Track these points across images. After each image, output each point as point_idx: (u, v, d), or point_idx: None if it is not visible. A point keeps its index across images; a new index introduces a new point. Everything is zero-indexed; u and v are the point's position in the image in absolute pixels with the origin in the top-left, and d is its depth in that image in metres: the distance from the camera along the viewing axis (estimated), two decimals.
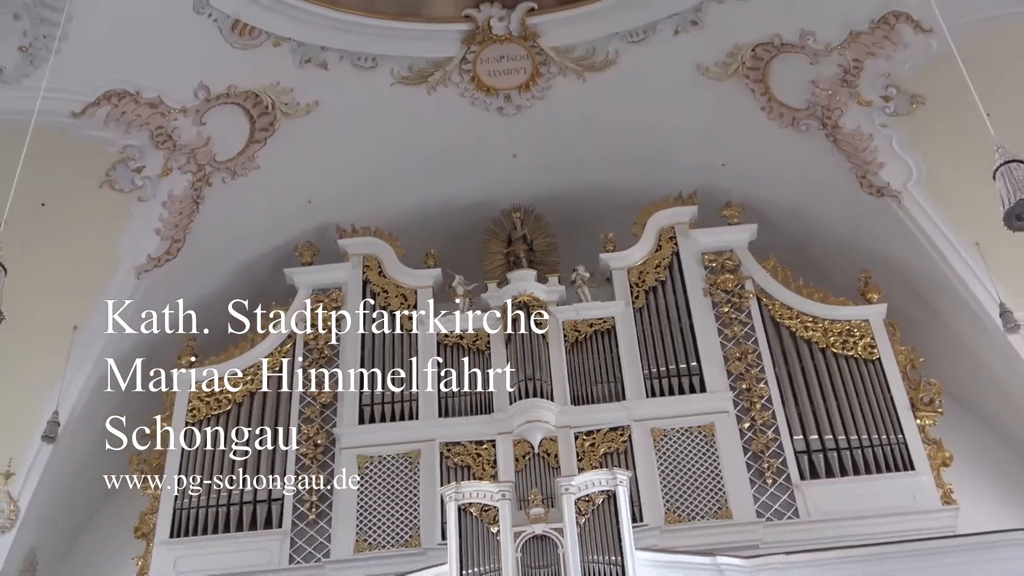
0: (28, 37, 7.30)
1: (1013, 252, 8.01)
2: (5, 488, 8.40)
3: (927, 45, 8.06)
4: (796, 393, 8.34)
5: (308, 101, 8.92)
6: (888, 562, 6.59)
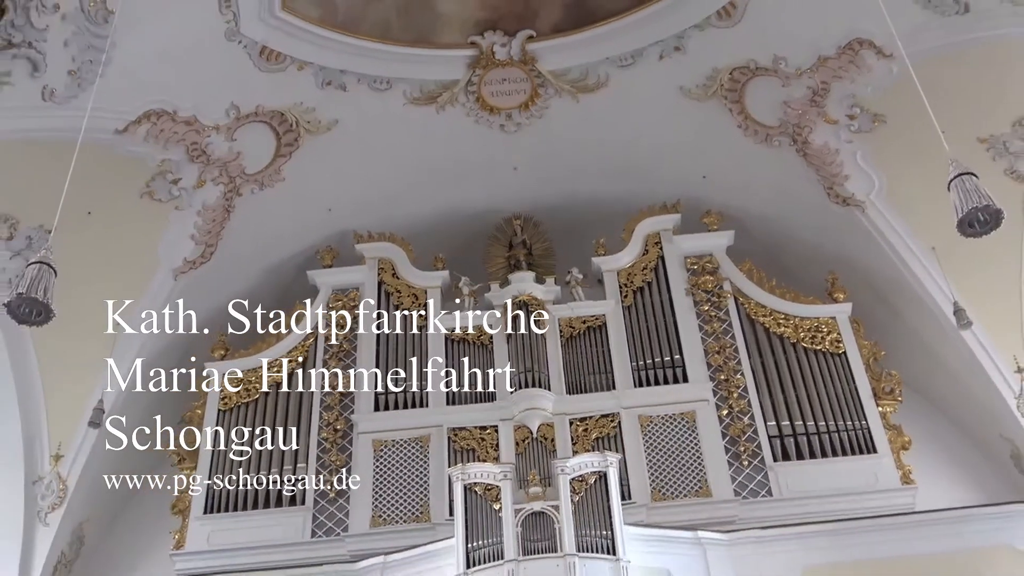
0: (76, 62, 7.30)
1: (966, 256, 7.98)
2: (55, 469, 8.42)
3: (888, 69, 8.06)
4: (770, 383, 8.35)
5: (329, 119, 8.93)
6: (853, 536, 6.62)
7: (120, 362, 8.71)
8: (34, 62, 7.12)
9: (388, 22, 8.45)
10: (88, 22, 7.18)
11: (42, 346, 8.32)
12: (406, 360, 8.77)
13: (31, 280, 5.21)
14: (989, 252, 7.66)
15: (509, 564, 6.14)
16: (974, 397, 8.77)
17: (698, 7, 8.25)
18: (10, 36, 6.93)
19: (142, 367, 8.97)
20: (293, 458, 8.27)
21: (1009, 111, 7.99)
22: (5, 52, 6.96)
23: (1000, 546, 6.35)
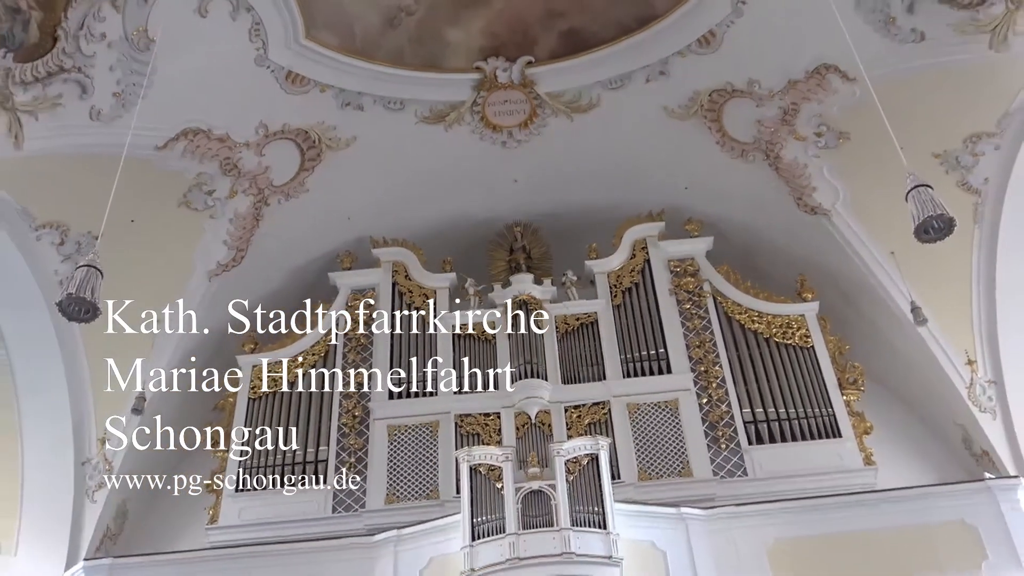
0: (121, 85, 7.32)
1: (922, 260, 8.03)
2: (102, 452, 8.43)
3: (852, 91, 8.05)
4: (745, 374, 8.35)
5: (348, 136, 8.93)
6: (819, 512, 6.62)
7: (160, 355, 8.74)
8: (83, 85, 7.13)
9: (401, 49, 8.46)
10: (131, 49, 7.20)
11: (90, 341, 8.33)
12: (418, 354, 8.77)
13: (80, 281, 5.23)
14: (943, 256, 7.69)
15: (510, 537, 6.15)
16: (929, 387, 8.78)
17: (681, 36, 8.27)
18: (61, 62, 6.94)
19: (180, 360, 8.99)
20: (316, 442, 8.28)
21: (961, 129, 7.99)
22: (57, 76, 6.97)
23: (952, 521, 6.35)
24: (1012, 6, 6.77)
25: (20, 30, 6.62)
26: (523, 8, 8.30)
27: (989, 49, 7.10)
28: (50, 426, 8.33)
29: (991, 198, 8.20)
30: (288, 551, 6.83)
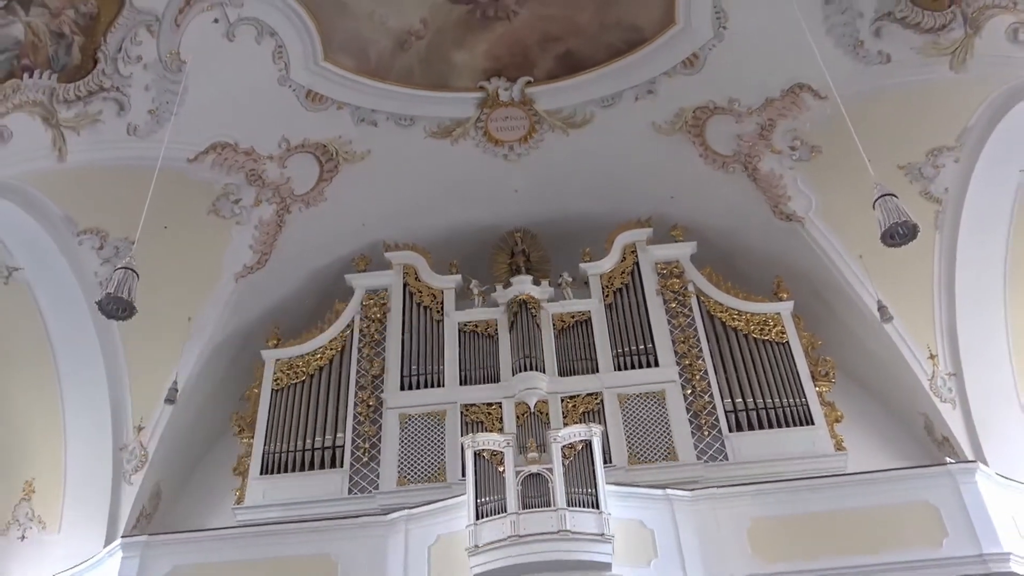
0: (155, 103, 7.33)
1: (888, 263, 8.03)
2: (138, 438, 8.44)
3: (823, 108, 8.06)
4: (726, 367, 8.33)
5: (362, 150, 8.92)
6: (794, 493, 6.59)
7: (191, 350, 8.74)
8: (120, 103, 7.14)
9: (411, 70, 8.45)
10: (165, 71, 7.21)
11: (127, 337, 8.34)
12: (428, 349, 8.76)
13: (118, 282, 5.23)
14: (907, 260, 7.72)
15: (511, 516, 6.14)
16: (894, 379, 8.78)
17: (667, 58, 8.27)
18: (101, 82, 6.95)
19: (210, 354, 8.99)
20: (333, 428, 8.28)
21: (924, 143, 8.00)
22: (97, 95, 6.98)
23: (917, 502, 6.32)
24: (970, 31, 6.77)
25: (64, 53, 6.63)
26: (523, 32, 8.29)
27: (949, 70, 7.10)
28: (90, 415, 8.34)
29: (951, 206, 8.20)
30: (309, 529, 6.82)
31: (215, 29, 7.32)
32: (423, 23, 8.08)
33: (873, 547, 6.11)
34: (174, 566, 6.48)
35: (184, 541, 6.77)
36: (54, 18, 6.43)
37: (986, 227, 8.18)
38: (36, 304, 8.10)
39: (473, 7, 8.01)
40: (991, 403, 8.27)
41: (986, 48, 6.74)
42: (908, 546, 6.08)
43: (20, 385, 8.36)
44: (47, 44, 6.47)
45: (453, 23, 8.11)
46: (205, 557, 6.60)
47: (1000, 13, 6.49)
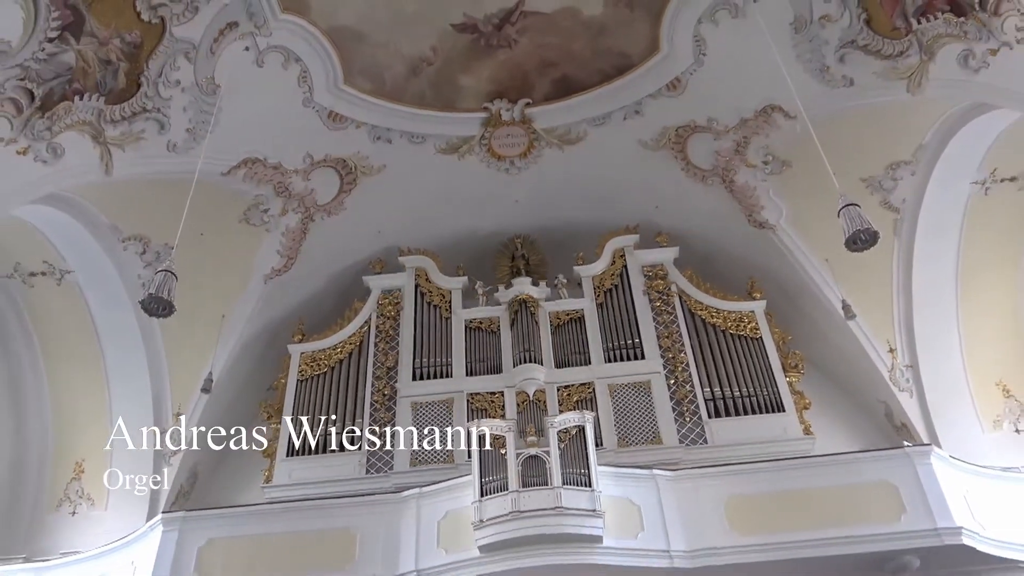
0: (192, 123, 7.32)
1: (851, 266, 8.02)
2: (177, 423, 8.43)
3: (793, 127, 8.03)
4: (705, 360, 8.32)
5: (378, 164, 8.92)
6: (767, 473, 6.58)
7: (224, 344, 8.74)
8: (161, 123, 7.13)
9: (423, 93, 8.45)
10: (201, 93, 7.20)
11: (167, 333, 8.35)
12: (437, 344, 8.75)
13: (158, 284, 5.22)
14: (868, 263, 7.69)
15: (512, 494, 6.14)
16: (857, 370, 8.77)
17: (652, 82, 8.26)
18: (144, 104, 6.95)
19: (241, 348, 8.99)
20: (352, 415, 8.27)
21: (883, 158, 7.98)
22: (140, 116, 6.98)
23: (878, 481, 6.31)
24: (925, 57, 6.76)
25: (111, 78, 6.63)
26: (522, 59, 8.29)
27: (906, 93, 7.08)
28: (134, 403, 8.36)
29: (908, 215, 8.19)
30: (330, 505, 6.82)
31: (246, 56, 7.34)
32: (433, 50, 8.10)
33: (838, 522, 6.10)
34: (209, 539, 6.47)
35: (218, 516, 6.76)
36: (102, 46, 6.43)
37: (939, 234, 8.17)
38: (86, 303, 8.12)
39: (478, 36, 8.02)
40: (944, 392, 8.26)
41: (939, 73, 6.73)
42: (870, 521, 6.06)
43: (71, 376, 8.39)
44: (96, 70, 6.47)
45: (460, 50, 8.13)
46: (237, 531, 6.59)
47: (952, 41, 6.48)
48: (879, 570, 6.12)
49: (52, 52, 6.06)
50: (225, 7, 6.92)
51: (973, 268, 8.24)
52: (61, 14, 6.00)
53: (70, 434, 8.37)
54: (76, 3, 6.10)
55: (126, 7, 6.43)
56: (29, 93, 6.04)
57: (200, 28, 6.88)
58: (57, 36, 6.05)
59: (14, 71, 5.88)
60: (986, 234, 8.10)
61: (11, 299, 8.08)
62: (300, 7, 7.40)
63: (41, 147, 6.31)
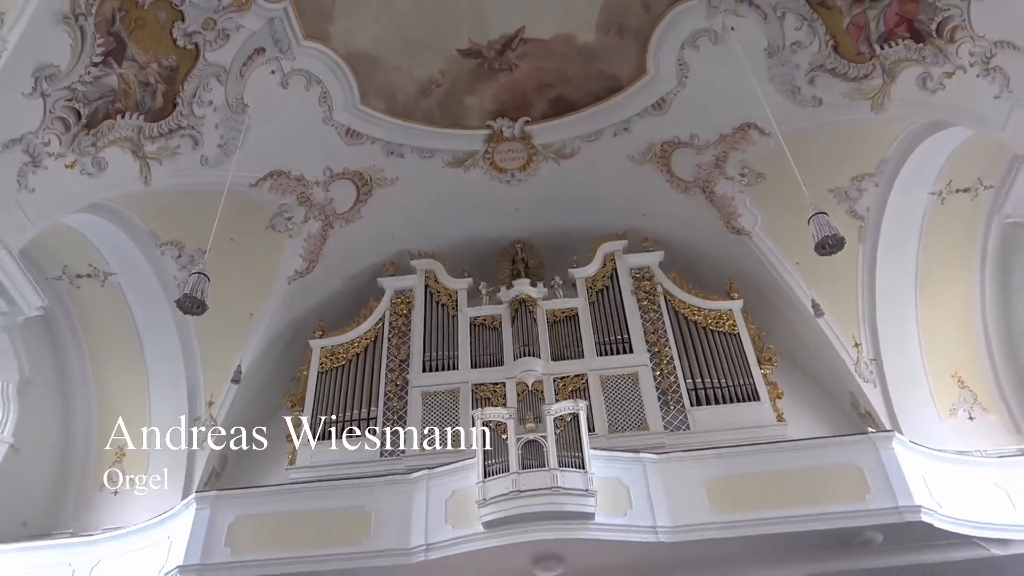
0: (223, 139, 7.35)
1: (820, 269, 8.04)
2: (209, 412, 8.45)
3: (767, 143, 8.04)
4: (687, 353, 8.31)
5: (392, 177, 8.92)
6: (742, 457, 6.57)
7: (252, 339, 8.75)
8: (195, 139, 7.16)
9: (432, 112, 8.46)
10: (231, 112, 7.23)
11: (200, 329, 8.35)
12: (443, 338, 8.76)
13: (192, 284, 5.24)
14: (836, 266, 7.69)
15: (512, 475, 6.14)
16: (825, 363, 8.77)
17: (640, 102, 8.27)
18: (180, 122, 6.97)
19: (267, 342, 9.00)
20: (368, 404, 8.27)
21: (849, 170, 7.98)
22: (176, 132, 7.00)
23: (844, 464, 6.30)
24: (887, 80, 6.76)
25: (149, 98, 6.65)
26: (522, 81, 8.31)
27: (870, 111, 7.09)
28: (171, 393, 8.37)
29: (871, 223, 8.19)
30: (348, 485, 6.81)
31: (272, 78, 7.36)
32: (441, 73, 8.12)
33: (808, 501, 6.09)
34: (238, 516, 6.47)
35: (246, 495, 6.76)
36: (142, 70, 6.46)
37: (900, 239, 8.17)
38: (127, 303, 8.14)
39: (482, 60, 8.05)
40: (904, 383, 8.26)
41: (900, 93, 6.74)
42: (837, 500, 6.06)
43: (114, 369, 8.41)
44: (136, 91, 6.49)
45: (466, 73, 8.15)
46: (263, 508, 6.60)
47: (912, 65, 6.49)
48: (846, 545, 6.11)
49: (97, 75, 6.09)
50: (253, 35, 6.97)
51: (930, 271, 8.24)
52: (105, 41, 6.05)
53: (113, 421, 8.37)
54: (118, 31, 6.13)
55: (164, 34, 6.46)
56: (76, 112, 6.07)
57: (230, 53, 6.91)
58: (101, 61, 6.08)
59: (63, 92, 5.91)
60: (942, 240, 8.11)
61: (60, 299, 8.09)
62: (321, 34, 7.43)
63: (87, 161, 6.34)
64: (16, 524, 7.52)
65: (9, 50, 5.35)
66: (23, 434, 7.74)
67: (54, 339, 8.33)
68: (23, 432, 7.74)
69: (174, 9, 6.42)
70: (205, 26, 6.64)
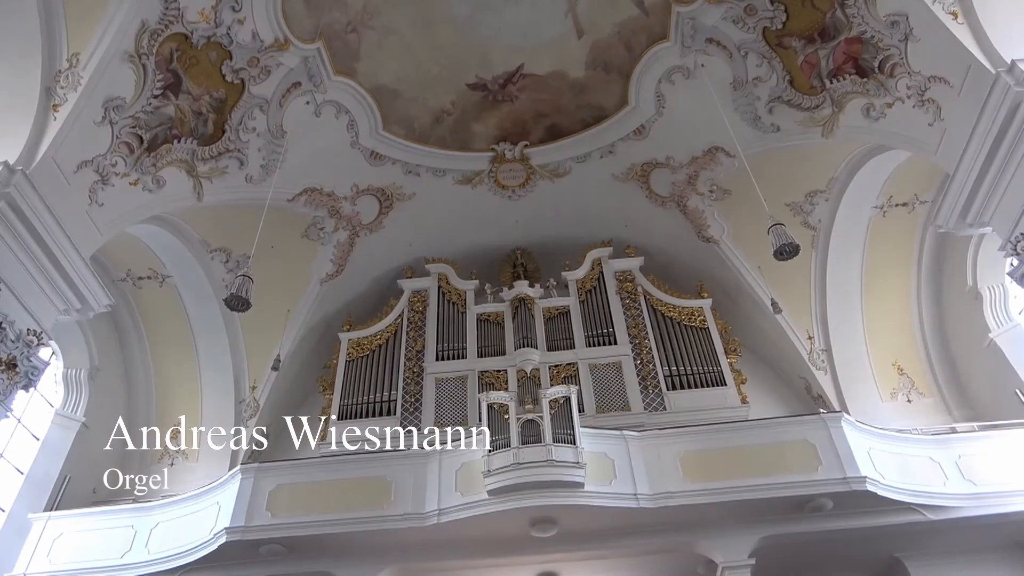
0: (265, 160, 7.37)
1: (778, 272, 8.06)
2: (252, 395, 8.46)
3: (732, 163, 8.07)
4: (664, 345, 8.30)
5: (410, 192, 8.93)
6: (712, 434, 6.56)
7: (289, 332, 8.76)
8: (240, 160, 7.18)
9: (444, 137, 8.49)
10: (272, 137, 7.26)
11: (245, 324, 8.38)
12: (454, 332, 8.75)
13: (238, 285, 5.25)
14: (792, 270, 7.75)
15: (513, 450, 6.14)
16: (783, 353, 8.77)
17: (623, 128, 8.31)
18: (227, 146, 7.00)
19: (303, 336, 9.01)
20: (388, 388, 8.26)
21: (804, 187, 7.99)
22: (224, 155, 7.03)
23: (799, 440, 6.29)
24: (836, 109, 6.78)
25: (202, 126, 6.69)
26: (521, 111, 8.35)
27: (821, 136, 7.11)
28: (219, 378, 8.39)
29: (823, 232, 8.20)
30: (372, 458, 6.81)
31: (307, 108, 7.39)
32: (452, 104, 8.18)
33: (768, 471, 6.09)
34: (277, 484, 6.47)
35: (284, 467, 6.77)
36: (195, 101, 6.50)
37: (847, 247, 8.18)
38: (182, 301, 8.17)
39: (487, 93, 8.10)
40: (852, 370, 8.27)
41: (848, 121, 6.75)
42: (793, 471, 6.05)
43: (170, 358, 8.43)
44: (190, 119, 6.53)
45: (473, 104, 8.20)
46: (298, 478, 6.59)
47: (857, 97, 6.52)
48: (800, 510, 6.10)
49: (157, 106, 6.14)
50: (291, 71, 7.02)
51: (874, 274, 8.25)
52: (164, 77, 6.10)
53: (169, 403, 8.40)
54: (176, 68, 6.18)
55: (214, 71, 6.51)
56: (139, 138, 6.11)
57: (271, 87, 6.97)
58: (161, 94, 6.12)
59: (128, 121, 5.95)
60: (884, 247, 8.13)
61: (124, 298, 8.13)
62: (349, 71, 7.48)
63: (148, 179, 6.37)
64: (87, 491, 7.55)
65: (83, 84, 5.40)
66: (93, 414, 7.82)
67: (119, 333, 8.38)
68: (93, 412, 7.83)
69: (223, 50, 6.46)
70: (250, 64, 6.70)
